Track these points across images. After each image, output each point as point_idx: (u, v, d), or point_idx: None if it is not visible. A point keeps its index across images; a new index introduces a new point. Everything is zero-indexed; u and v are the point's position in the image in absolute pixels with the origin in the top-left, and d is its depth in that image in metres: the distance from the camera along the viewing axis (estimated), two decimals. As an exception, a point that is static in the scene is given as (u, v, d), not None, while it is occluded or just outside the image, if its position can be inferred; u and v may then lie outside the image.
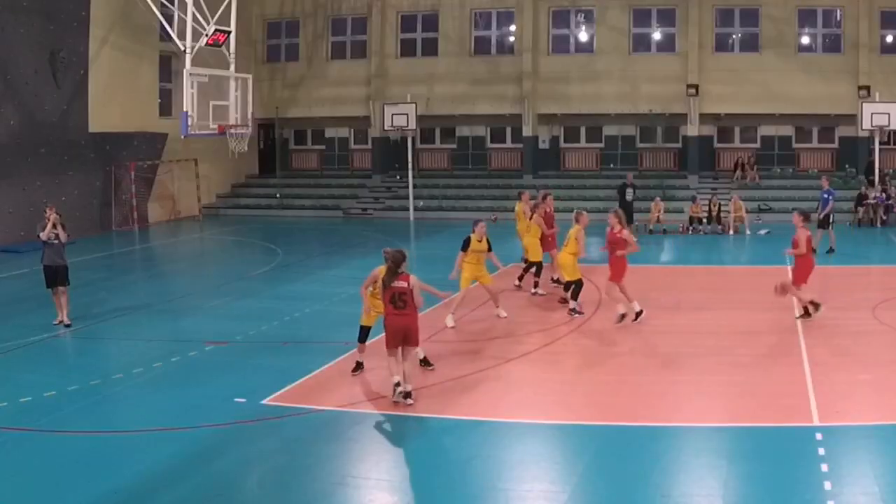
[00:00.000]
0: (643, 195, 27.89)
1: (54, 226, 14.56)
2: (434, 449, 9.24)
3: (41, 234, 14.63)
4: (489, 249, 14.51)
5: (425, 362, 11.80)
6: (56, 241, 14.60)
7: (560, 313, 15.08)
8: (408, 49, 34.49)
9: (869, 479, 7.91)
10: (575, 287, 14.86)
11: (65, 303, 14.72)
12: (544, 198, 17.34)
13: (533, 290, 16.64)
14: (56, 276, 14.61)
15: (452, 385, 11.19)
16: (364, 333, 11.56)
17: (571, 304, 14.89)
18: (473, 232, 14.33)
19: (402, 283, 10.31)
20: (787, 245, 15.02)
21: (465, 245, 14.29)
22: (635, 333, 13.80)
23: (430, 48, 34.14)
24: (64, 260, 14.80)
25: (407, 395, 10.34)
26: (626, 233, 14.08)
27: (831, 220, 21.54)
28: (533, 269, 16.71)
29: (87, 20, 26.72)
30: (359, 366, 11.68)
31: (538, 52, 32.90)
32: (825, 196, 21.68)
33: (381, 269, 10.69)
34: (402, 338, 10.35)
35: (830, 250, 21.26)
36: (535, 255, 16.53)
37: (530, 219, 16.94)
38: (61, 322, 14.56)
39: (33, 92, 25.25)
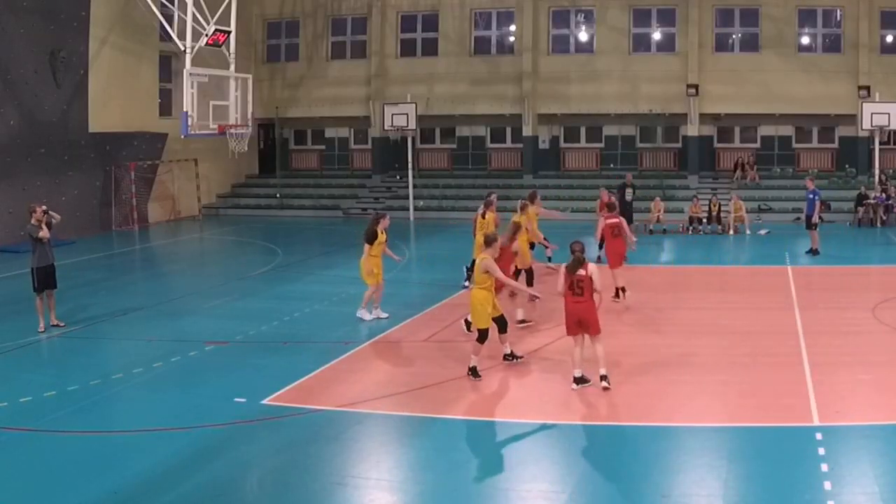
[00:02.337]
0: (643, 195, 27.89)
1: (48, 225, 14.40)
2: (434, 449, 9.23)
3: (40, 234, 14.28)
4: (385, 242, 14.90)
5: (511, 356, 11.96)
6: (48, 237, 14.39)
7: (560, 312, 15.03)
8: (408, 49, 34.48)
9: (869, 479, 7.91)
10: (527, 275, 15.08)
11: (52, 305, 14.66)
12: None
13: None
14: (48, 278, 14.45)
15: (452, 385, 11.19)
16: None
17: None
18: (378, 224, 14.59)
19: (581, 272, 10.80)
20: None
21: (372, 238, 14.48)
22: (635, 333, 13.81)
23: (430, 48, 34.14)
24: (54, 258, 14.69)
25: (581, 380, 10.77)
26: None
27: (815, 221, 21.40)
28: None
29: (87, 20, 26.71)
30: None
31: (538, 52, 32.89)
32: (810, 196, 21.60)
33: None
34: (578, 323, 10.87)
35: (814, 252, 21.21)
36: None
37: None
38: (50, 326, 14.42)
39: (33, 92, 25.24)
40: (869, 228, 26.77)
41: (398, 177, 33.59)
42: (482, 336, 11.38)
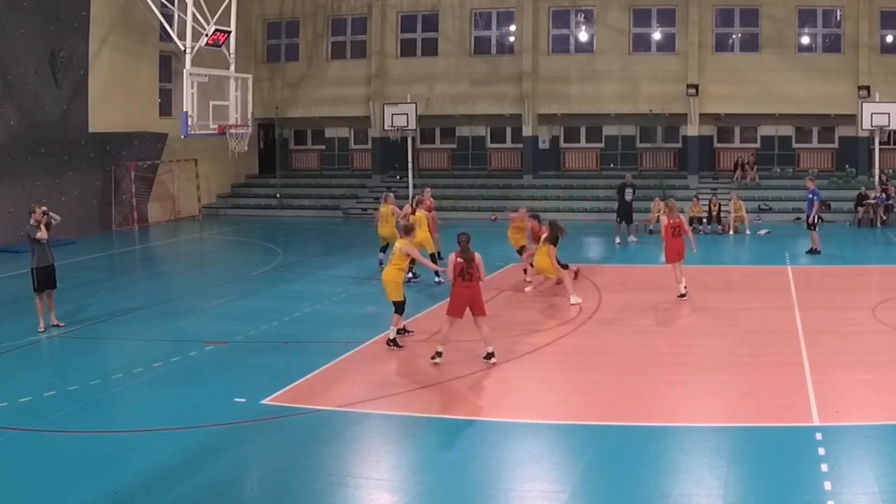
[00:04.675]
0: (643, 195, 27.86)
1: (47, 225, 14.41)
2: (434, 449, 9.24)
3: (38, 235, 14.27)
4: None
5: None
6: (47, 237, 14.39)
7: (560, 312, 15.08)
8: (408, 49, 34.48)
9: (869, 479, 7.90)
10: None
11: (52, 305, 14.65)
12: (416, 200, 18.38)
13: None
14: (48, 278, 14.43)
15: (452, 385, 11.19)
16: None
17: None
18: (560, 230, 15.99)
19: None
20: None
21: (556, 241, 15.83)
22: (635, 333, 13.81)
23: (430, 48, 34.13)
24: (54, 258, 14.68)
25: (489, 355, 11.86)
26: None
27: (814, 221, 21.40)
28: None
29: (87, 20, 26.70)
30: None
31: (538, 52, 32.89)
32: (810, 196, 21.62)
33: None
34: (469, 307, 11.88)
35: (815, 252, 21.20)
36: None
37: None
38: (50, 327, 14.41)
39: (33, 92, 25.23)
40: (869, 228, 26.76)
41: (398, 177, 33.58)
42: (400, 308, 12.93)
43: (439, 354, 11.96)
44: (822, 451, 8.52)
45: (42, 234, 14.31)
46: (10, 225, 24.30)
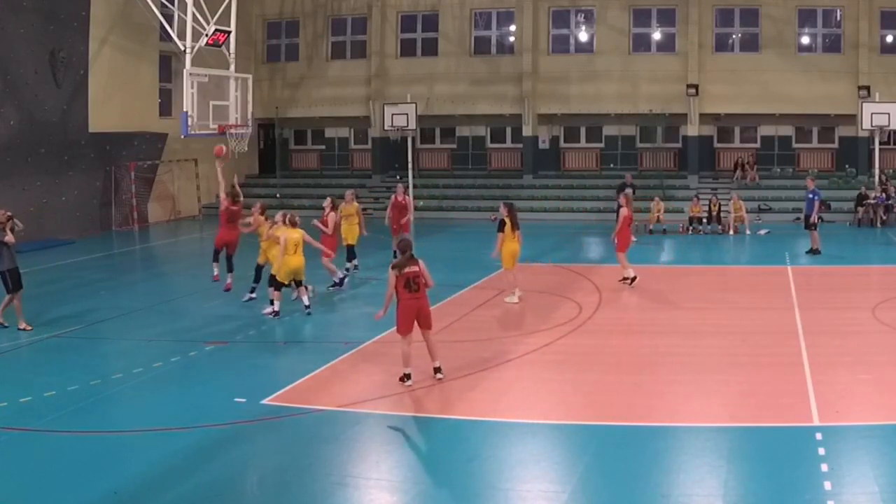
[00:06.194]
0: (643, 195, 27.88)
1: (12, 230, 14.35)
2: (434, 449, 9.24)
3: (6, 239, 14.16)
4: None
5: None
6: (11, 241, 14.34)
7: (560, 312, 15.08)
8: (408, 49, 34.48)
9: (869, 479, 7.91)
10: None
11: (20, 307, 14.51)
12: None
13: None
14: (18, 279, 14.36)
15: (452, 385, 11.19)
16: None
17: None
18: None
19: (414, 268, 10.98)
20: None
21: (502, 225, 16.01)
22: (635, 333, 13.82)
23: (430, 48, 34.14)
24: (17, 262, 14.55)
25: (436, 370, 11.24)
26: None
27: (814, 221, 21.43)
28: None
29: (87, 20, 26.69)
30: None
31: (538, 52, 32.89)
32: (810, 196, 21.63)
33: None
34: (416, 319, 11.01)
35: (815, 251, 21.21)
36: None
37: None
38: (25, 328, 14.38)
39: (33, 92, 25.21)
40: (869, 228, 26.77)
41: (398, 177, 33.50)
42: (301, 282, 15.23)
43: (408, 377, 10.99)
44: (822, 451, 8.52)
45: (9, 237, 14.26)
46: (10, 225, 24.29)
